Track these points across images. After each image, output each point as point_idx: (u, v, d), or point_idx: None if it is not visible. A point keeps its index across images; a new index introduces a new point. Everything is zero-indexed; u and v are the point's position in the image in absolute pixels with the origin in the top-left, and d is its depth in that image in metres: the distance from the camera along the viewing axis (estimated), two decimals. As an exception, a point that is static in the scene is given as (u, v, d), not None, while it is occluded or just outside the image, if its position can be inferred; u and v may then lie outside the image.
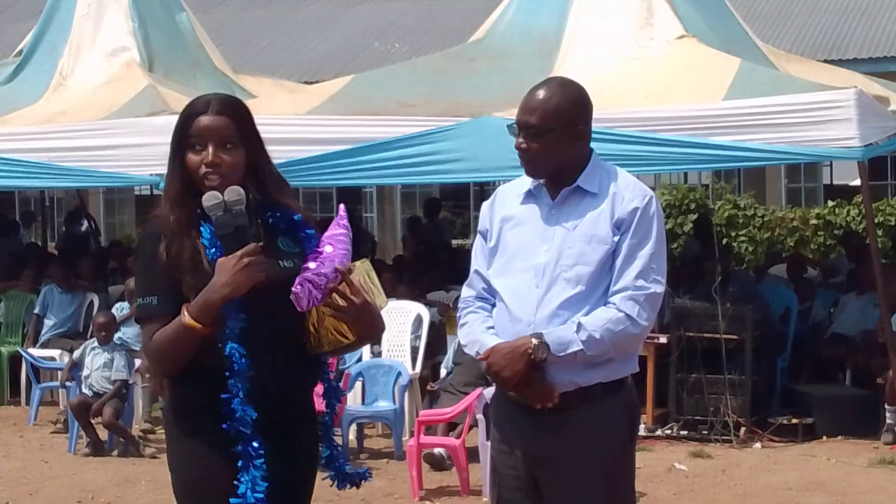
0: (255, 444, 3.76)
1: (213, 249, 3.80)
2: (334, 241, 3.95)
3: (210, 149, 3.83)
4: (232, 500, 3.73)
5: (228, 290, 3.72)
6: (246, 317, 3.77)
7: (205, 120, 3.85)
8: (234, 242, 3.76)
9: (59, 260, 14.75)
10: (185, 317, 3.73)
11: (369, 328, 3.94)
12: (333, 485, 4.08)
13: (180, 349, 3.79)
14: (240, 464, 3.75)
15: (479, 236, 4.45)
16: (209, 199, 3.79)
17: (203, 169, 3.83)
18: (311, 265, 3.85)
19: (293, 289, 3.75)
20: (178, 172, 3.88)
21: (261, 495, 3.73)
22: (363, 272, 3.97)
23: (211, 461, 3.81)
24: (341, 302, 3.83)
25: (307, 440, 4.00)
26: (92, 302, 13.02)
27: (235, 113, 3.91)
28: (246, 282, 3.73)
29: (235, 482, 3.75)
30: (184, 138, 3.87)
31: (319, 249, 3.91)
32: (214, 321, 3.75)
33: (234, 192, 3.80)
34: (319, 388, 4.06)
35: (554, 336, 4.09)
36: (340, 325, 3.87)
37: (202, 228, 3.83)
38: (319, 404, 4.04)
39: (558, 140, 4.19)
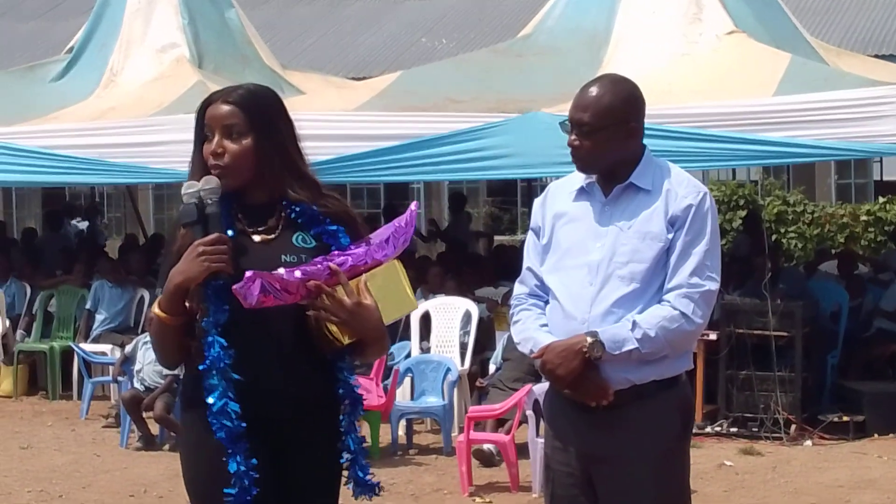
0: (241, 443, 3.68)
1: None
2: (371, 238, 3.84)
3: (215, 138, 3.78)
4: (226, 489, 3.67)
5: (181, 279, 3.66)
6: (230, 309, 3.67)
7: (212, 109, 3.80)
8: (201, 232, 3.68)
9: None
10: (155, 307, 3.73)
11: (361, 333, 3.75)
12: (351, 492, 3.95)
13: (161, 339, 3.79)
14: (225, 459, 3.68)
15: (531, 233, 4.44)
16: (187, 187, 3.74)
17: (210, 158, 3.78)
18: (317, 259, 3.75)
19: (235, 285, 3.60)
20: (198, 162, 3.84)
21: (248, 486, 3.67)
22: (385, 274, 3.82)
23: (206, 454, 3.75)
24: (328, 302, 3.70)
25: (325, 439, 3.87)
26: (143, 297, 13.11)
27: (249, 102, 3.80)
28: (198, 271, 3.63)
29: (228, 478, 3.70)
30: (199, 127, 3.84)
31: (349, 247, 3.81)
32: (181, 312, 3.70)
33: (207, 182, 3.73)
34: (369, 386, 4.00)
35: (609, 334, 4.08)
36: (332, 325, 3.72)
37: None
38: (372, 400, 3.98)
39: (611, 137, 4.17)
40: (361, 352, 3.87)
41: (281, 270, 3.65)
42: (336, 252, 3.79)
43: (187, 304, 3.72)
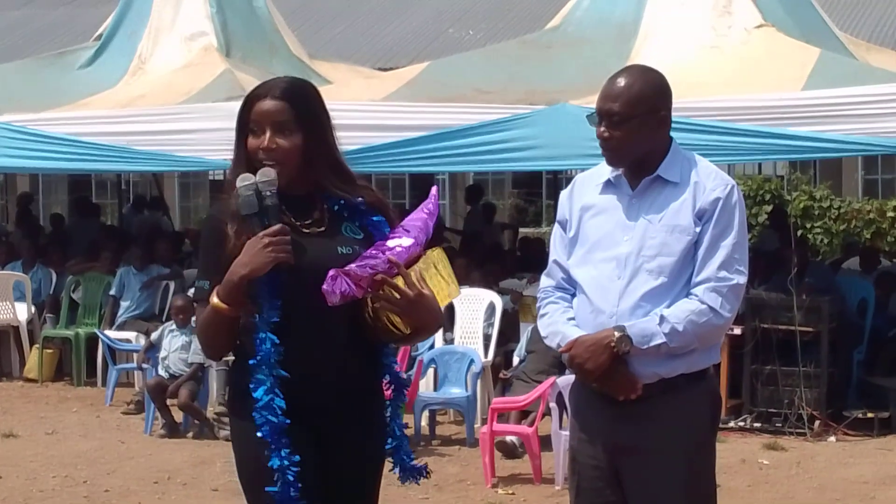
0: (283, 437, 3.72)
1: None
2: (409, 227, 3.90)
3: (267, 134, 3.81)
4: (268, 488, 3.74)
5: (246, 270, 3.68)
6: (282, 303, 3.73)
7: (263, 105, 3.83)
8: (259, 224, 3.73)
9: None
10: (213, 298, 3.74)
11: (423, 322, 3.85)
12: (397, 477, 4.05)
13: (215, 331, 3.81)
14: (266, 453, 3.73)
15: (557, 226, 4.41)
16: (241, 180, 3.77)
17: (260, 154, 3.82)
18: (372, 252, 3.81)
19: (323, 285, 3.67)
20: (241, 156, 3.88)
21: (292, 481, 3.72)
22: (433, 262, 3.90)
23: (252, 445, 3.78)
24: (395, 294, 3.76)
25: (371, 428, 3.95)
26: (168, 286, 13.14)
27: (296, 98, 3.86)
28: (264, 262, 3.68)
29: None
30: (245, 122, 3.88)
31: (388, 237, 3.87)
32: (241, 303, 3.73)
33: (265, 175, 3.77)
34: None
35: (637, 329, 4.07)
36: (394, 317, 3.80)
37: None
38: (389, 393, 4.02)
39: (642, 127, 4.15)
40: (413, 339, 3.97)
41: (353, 266, 3.71)
42: (381, 242, 3.84)
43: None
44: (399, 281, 3.76)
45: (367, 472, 3.99)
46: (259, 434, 3.73)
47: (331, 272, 3.66)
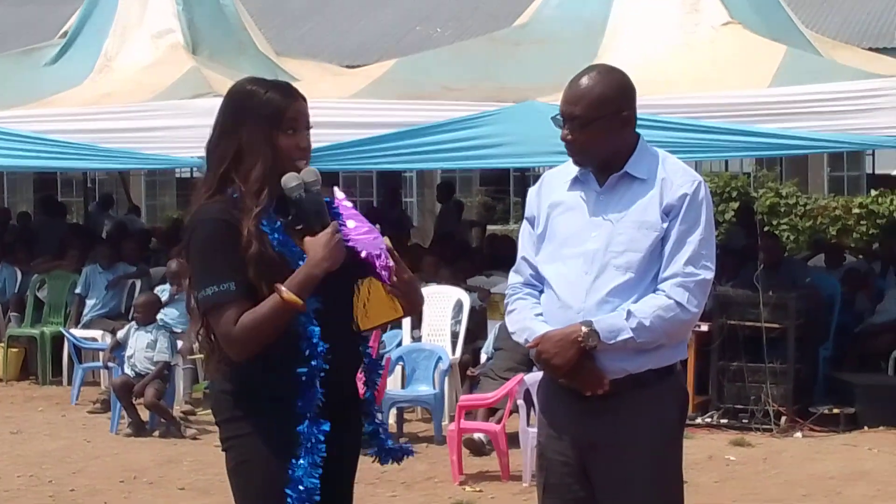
0: (323, 428, 3.80)
1: (276, 235, 3.82)
2: (358, 221, 4.00)
3: (305, 133, 3.94)
4: (289, 482, 3.78)
5: (328, 263, 3.79)
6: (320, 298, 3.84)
7: (299, 105, 3.95)
8: (316, 221, 3.84)
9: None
10: (285, 293, 3.75)
11: (415, 301, 4.04)
12: (376, 461, 4.13)
13: (276, 328, 3.79)
14: (300, 448, 3.79)
15: (525, 223, 4.41)
16: (291, 179, 3.85)
17: (296, 153, 3.91)
18: (362, 241, 3.94)
19: (382, 264, 3.86)
20: (269, 154, 3.88)
21: (315, 481, 3.78)
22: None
23: (271, 442, 3.82)
24: (393, 277, 3.93)
25: (353, 420, 4.04)
26: (134, 284, 13.08)
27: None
28: (340, 256, 3.81)
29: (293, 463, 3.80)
30: (277, 120, 3.89)
31: (350, 230, 3.95)
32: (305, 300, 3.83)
33: (312, 173, 3.89)
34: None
35: (604, 324, 4.07)
36: (392, 300, 3.97)
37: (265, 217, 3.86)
38: (360, 381, 4.08)
39: (605, 128, 4.15)
40: (402, 319, 4.32)
41: (370, 251, 3.90)
42: (350, 230, 3.95)
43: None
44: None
45: (352, 469, 4.09)
46: (300, 428, 3.78)
47: (376, 255, 3.88)
